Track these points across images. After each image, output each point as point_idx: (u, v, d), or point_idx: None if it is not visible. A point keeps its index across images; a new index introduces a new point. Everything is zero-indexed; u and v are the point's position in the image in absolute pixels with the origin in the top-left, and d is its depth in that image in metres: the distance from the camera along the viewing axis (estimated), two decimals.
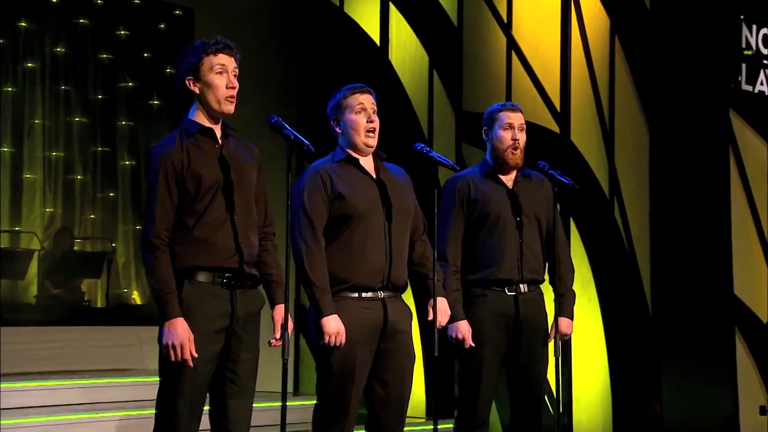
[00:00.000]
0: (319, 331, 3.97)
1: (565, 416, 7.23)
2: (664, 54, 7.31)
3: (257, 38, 8.44)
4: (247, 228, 3.75)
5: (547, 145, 7.48)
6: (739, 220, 7.18)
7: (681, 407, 7.22)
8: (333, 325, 3.96)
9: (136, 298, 9.17)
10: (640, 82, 7.61)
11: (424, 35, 8.24)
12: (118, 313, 8.74)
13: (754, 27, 7.46)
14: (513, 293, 4.51)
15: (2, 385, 6.26)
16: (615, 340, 7.51)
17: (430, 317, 4.16)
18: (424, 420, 7.33)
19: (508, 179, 4.63)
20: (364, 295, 4.06)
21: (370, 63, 8.47)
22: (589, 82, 7.55)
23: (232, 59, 3.79)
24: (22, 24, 8.92)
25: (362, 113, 4.15)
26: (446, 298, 4.37)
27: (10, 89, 8.96)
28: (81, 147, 9.29)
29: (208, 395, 3.74)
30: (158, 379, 3.68)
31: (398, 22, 8.36)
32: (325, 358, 4.04)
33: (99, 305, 8.92)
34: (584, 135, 7.51)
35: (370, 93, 4.19)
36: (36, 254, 8.67)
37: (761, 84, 7.44)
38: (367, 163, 4.21)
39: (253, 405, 3.78)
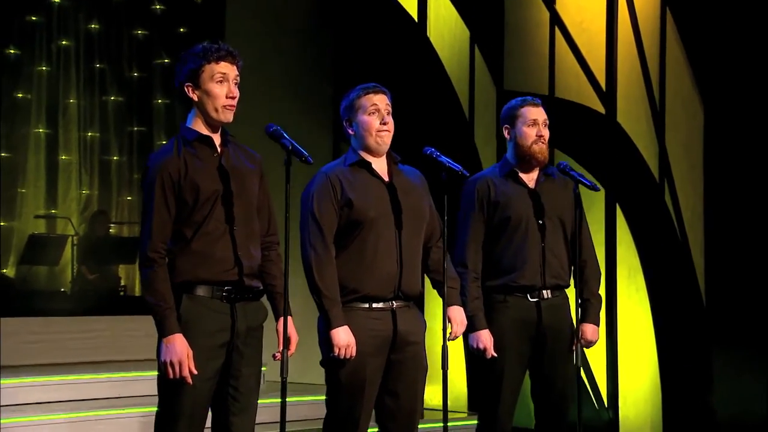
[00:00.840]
0: (329, 343, 3.90)
1: (610, 411, 7.10)
2: (719, 26, 7.03)
3: (292, 13, 8.33)
4: (247, 239, 3.67)
5: (592, 127, 7.29)
6: None
7: (734, 402, 7.01)
8: (343, 338, 3.86)
9: None
10: (694, 57, 7.33)
11: (465, 9, 8.05)
12: None
13: None
14: (535, 299, 4.35)
15: (27, 380, 6.37)
16: (665, 331, 7.30)
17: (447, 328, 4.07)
18: (466, 414, 7.30)
19: (530, 179, 4.44)
20: (374, 305, 3.94)
21: (407, 39, 8.32)
22: (638, 59, 7.28)
23: (234, 67, 3.67)
24: (55, 0, 8.91)
25: (375, 114, 4.01)
26: (466, 306, 4.27)
27: (44, 68, 8.99)
28: (117, 127, 9.32)
29: (210, 411, 3.70)
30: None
31: None
32: (334, 371, 3.94)
33: (136, 293, 8.94)
34: (632, 115, 7.28)
35: (384, 93, 4.05)
36: (70, 240, 8.72)
37: None
38: (380, 166, 4.08)
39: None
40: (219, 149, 3.68)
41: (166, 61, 9.33)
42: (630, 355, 7.17)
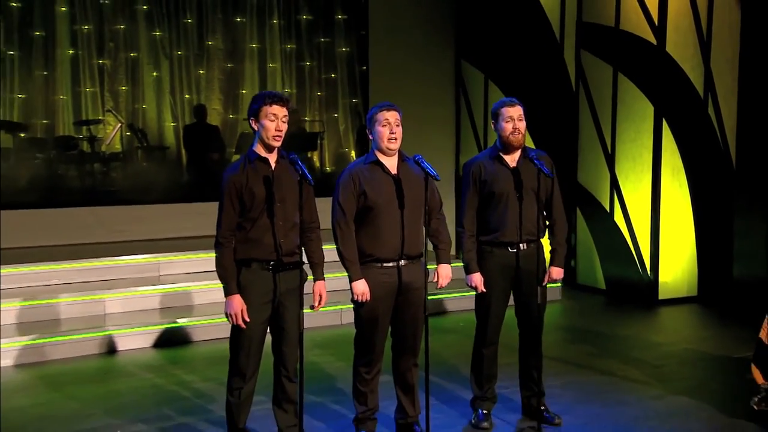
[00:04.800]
0: (351, 291, 4.73)
1: (652, 274, 7.48)
2: None
3: None
4: (287, 229, 4.48)
5: (645, 55, 7.39)
6: None
7: (747, 268, 7.27)
8: (360, 287, 4.67)
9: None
10: None
11: None
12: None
13: None
14: (514, 250, 4.96)
15: None
16: (702, 217, 7.56)
17: (434, 279, 4.76)
18: None
19: (512, 160, 4.98)
20: (384, 264, 4.68)
21: None
22: None
23: (284, 108, 4.28)
24: None
25: (387, 126, 4.66)
26: (464, 256, 4.99)
27: None
28: (308, 39, 10.08)
29: (270, 339, 4.59)
30: None
31: None
32: (358, 308, 4.81)
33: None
34: (680, 43, 7.37)
35: (396, 111, 4.68)
36: None
37: None
38: (391, 162, 4.73)
39: None
40: (273, 166, 4.48)
41: None
42: (671, 234, 7.61)
